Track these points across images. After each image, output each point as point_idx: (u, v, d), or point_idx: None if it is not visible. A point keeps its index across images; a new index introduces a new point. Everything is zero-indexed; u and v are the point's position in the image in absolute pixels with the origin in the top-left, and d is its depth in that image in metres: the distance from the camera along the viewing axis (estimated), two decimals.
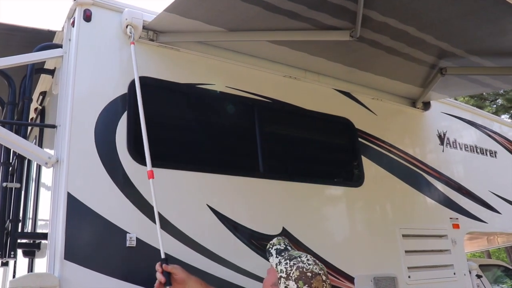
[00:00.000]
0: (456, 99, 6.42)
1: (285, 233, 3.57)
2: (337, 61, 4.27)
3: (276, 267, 2.55)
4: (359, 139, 4.45)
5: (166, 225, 3.10)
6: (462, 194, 5.29)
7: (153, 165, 3.17)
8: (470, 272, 4.89)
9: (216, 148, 3.68)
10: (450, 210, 5.05)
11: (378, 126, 4.69)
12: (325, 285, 2.42)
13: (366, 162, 4.40)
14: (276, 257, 2.63)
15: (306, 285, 2.35)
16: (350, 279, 3.83)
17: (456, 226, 4.99)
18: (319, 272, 2.43)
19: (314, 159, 4.23)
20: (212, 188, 3.39)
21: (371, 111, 4.72)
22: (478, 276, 5.00)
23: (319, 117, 4.27)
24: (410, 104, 5.23)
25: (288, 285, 2.39)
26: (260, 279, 3.24)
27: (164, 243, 2.84)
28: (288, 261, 2.51)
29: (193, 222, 3.23)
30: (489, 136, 6.30)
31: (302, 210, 3.80)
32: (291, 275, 2.41)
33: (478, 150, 5.94)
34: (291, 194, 3.78)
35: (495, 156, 6.21)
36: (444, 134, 5.48)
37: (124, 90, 3.24)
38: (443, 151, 5.37)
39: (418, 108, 5.26)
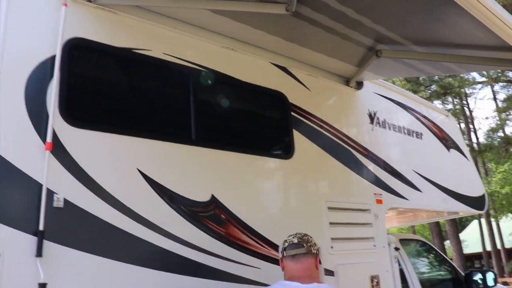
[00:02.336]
0: (393, 82, 6.64)
1: (214, 201, 3.66)
2: (277, 35, 4.32)
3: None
4: (292, 113, 4.55)
5: (97, 189, 3.09)
6: (387, 172, 5.53)
7: (87, 127, 3.17)
8: (389, 245, 5.19)
9: (150, 114, 3.67)
10: (375, 186, 5.28)
11: (311, 102, 4.80)
12: None
13: (297, 136, 4.51)
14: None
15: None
16: (276, 248, 3.96)
17: (379, 201, 5.24)
18: None
19: (246, 130, 4.31)
20: (143, 153, 3.39)
21: (305, 86, 4.81)
22: (396, 249, 5.30)
23: (253, 89, 4.32)
24: (344, 82, 5.36)
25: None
26: (190, 245, 3.36)
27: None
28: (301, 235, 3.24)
29: (123, 186, 3.23)
30: (417, 118, 6.59)
31: (232, 178, 3.89)
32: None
33: (405, 131, 6.22)
34: (222, 163, 3.85)
35: (421, 138, 6.53)
36: (375, 114, 5.69)
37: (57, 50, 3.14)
38: (372, 130, 5.58)
39: (351, 86, 5.40)
